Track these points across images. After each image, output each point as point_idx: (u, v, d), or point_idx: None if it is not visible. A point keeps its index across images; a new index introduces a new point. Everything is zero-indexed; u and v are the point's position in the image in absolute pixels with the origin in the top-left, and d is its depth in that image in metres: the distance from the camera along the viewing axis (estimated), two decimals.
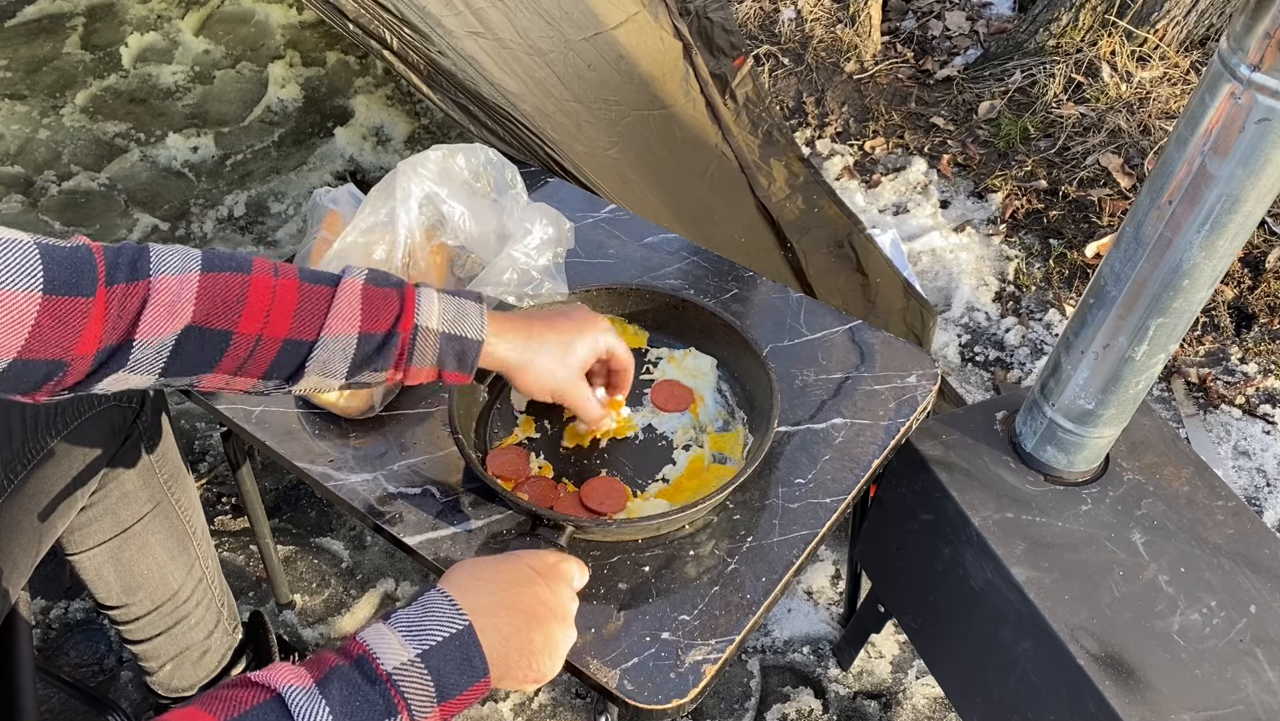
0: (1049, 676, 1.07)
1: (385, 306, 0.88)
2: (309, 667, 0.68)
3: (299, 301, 0.85)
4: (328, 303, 0.86)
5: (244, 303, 0.83)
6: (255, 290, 0.83)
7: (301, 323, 0.85)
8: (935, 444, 1.22)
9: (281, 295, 0.84)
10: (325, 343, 0.86)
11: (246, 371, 0.86)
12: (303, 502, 1.86)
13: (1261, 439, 2.01)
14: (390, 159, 2.62)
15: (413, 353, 0.90)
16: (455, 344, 0.91)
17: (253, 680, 0.66)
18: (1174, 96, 2.64)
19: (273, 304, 0.84)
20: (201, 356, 0.83)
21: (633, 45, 1.81)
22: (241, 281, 0.83)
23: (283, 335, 0.85)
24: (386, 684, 0.67)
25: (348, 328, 0.86)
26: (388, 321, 0.88)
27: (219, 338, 0.82)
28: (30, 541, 1.07)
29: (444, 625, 0.72)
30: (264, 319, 0.84)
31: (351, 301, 0.87)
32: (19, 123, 2.73)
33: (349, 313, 0.86)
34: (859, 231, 1.99)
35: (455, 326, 0.91)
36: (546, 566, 0.82)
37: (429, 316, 0.90)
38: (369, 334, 0.87)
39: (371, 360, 0.88)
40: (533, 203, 1.25)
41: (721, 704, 1.60)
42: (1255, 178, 0.87)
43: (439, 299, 0.91)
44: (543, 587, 0.79)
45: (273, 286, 0.84)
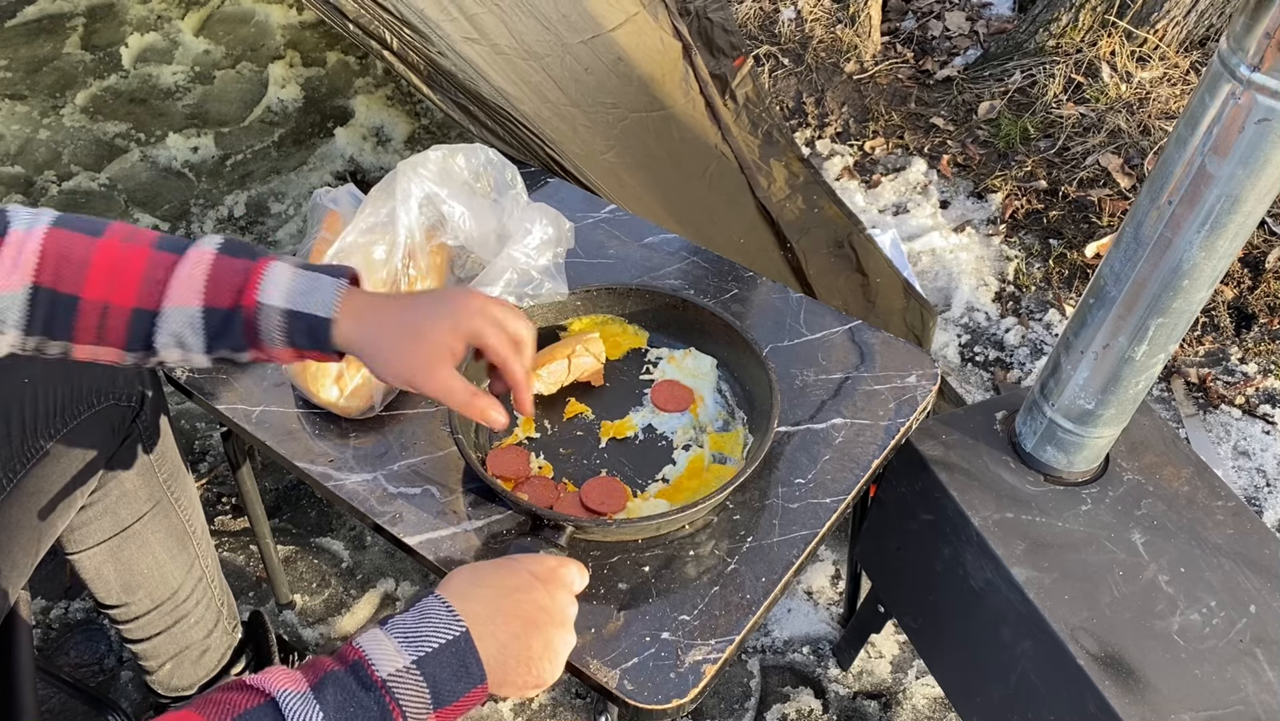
0: (1049, 676, 1.07)
1: (230, 279, 0.84)
2: (304, 672, 0.67)
3: (145, 269, 0.83)
4: (170, 271, 0.83)
5: (88, 265, 0.81)
6: (101, 253, 0.82)
7: (146, 291, 0.83)
8: (935, 444, 1.22)
9: (128, 260, 0.82)
10: (169, 314, 0.83)
11: (106, 341, 0.84)
12: (303, 502, 1.86)
13: (1261, 439, 2.01)
14: (390, 159, 2.62)
15: (259, 329, 0.85)
16: (302, 321, 0.85)
17: (248, 683, 0.66)
18: (1174, 96, 2.64)
19: (118, 269, 0.82)
20: (55, 319, 0.82)
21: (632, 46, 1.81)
22: (87, 243, 0.82)
23: (129, 304, 0.82)
24: (381, 690, 0.67)
25: (191, 299, 0.83)
26: (230, 295, 0.84)
27: (67, 301, 0.81)
28: (30, 540, 1.07)
29: (440, 632, 0.71)
30: (108, 285, 0.82)
31: (195, 272, 0.83)
32: (19, 123, 2.73)
33: (192, 284, 0.83)
34: (859, 231, 1.99)
35: (302, 303, 0.84)
36: (546, 571, 0.81)
37: (273, 293, 0.84)
38: (213, 308, 0.83)
39: (223, 336, 0.85)
40: (533, 203, 1.25)
41: (721, 704, 1.60)
42: (1255, 178, 0.87)
43: (292, 273, 0.85)
44: (542, 593, 0.79)
45: (120, 251, 0.82)
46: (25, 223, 0.81)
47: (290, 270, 0.86)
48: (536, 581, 0.79)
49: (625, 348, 1.25)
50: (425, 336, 0.87)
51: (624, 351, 1.25)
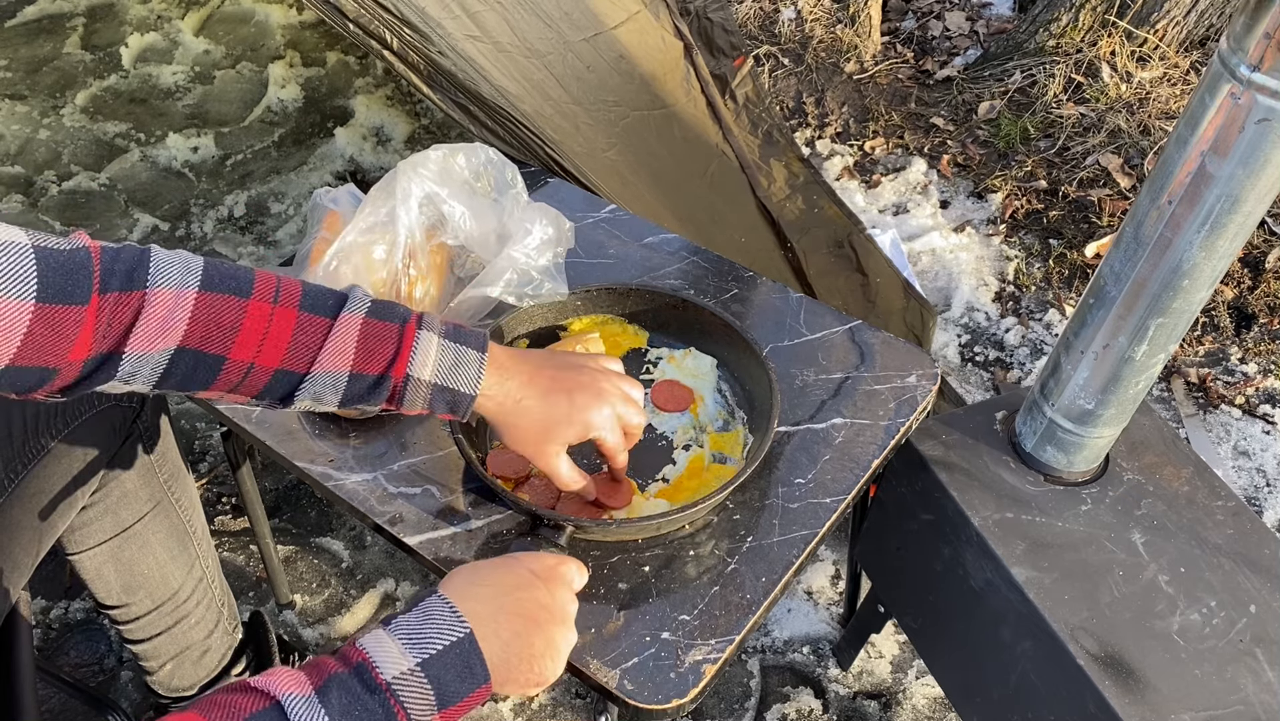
0: (1049, 676, 1.07)
1: (381, 348, 0.85)
2: (308, 673, 0.67)
3: (294, 333, 0.83)
4: (323, 337, 0.84)
5: (239, 329, 0.81)
6: (251, 317, 0.82)
7: (295, 355, 0.84)
8: (935, 444, 1.22)
9: (277, 324, 0.83)
10: (316, 377, 0.84)
11: (240, 391, 0.85)
12: (303, 502, 1.86)
13: (1261, 439, 2.01)
14: (390, 159, 2.62)
15: (404, 397, 0.88)
16: (447, 395, 0.88)
17: (252, 685, 0.66)
18: (1174, 96, 2.64)
19: (267, 333, 0.82)
20: (194, 376, 0.82)
21: (633, 45, 1.81)
22: (239, 307, 0.81)
23: (275, 365, 0.83)
24: (386, 693, 0.67)
25: (340, 365, 0.84)
26: (381, 365, 0.86)
27: (212, 361, 0.81)
28: (30, 541, 1.07)
29: (444, 633, 0.71)
30: (257, 348, 0.82)
31: (347, 339, 0.84)
32: (19, 123, 2.73)
33: (342, 350, 0.84)
34: (859, 231, 1.99)
35: (449, 379, 0.88)
36: (546, 569, 0.81)
37: (423, 366, 0.87)
38: (360, 374, 0.85)
39: (363, 397, 0.87)
40: (533, 203, 1.25)
41: (721, 704, 1.60)
42: (1255, 178, 0.87)
43: (437, 346, 0.87)
44: (543, 591, 0.79)
45: (269, 315, 0.82)
46: (174, 283, 0.79)
47: (437, 342, 0.88)
48: (537, 579, 0.80)
49: (625, 347, 1.25)
50: (553, 436, 0.93)
51: (624, 351, 1.25)
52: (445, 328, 0.89)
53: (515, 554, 0.84)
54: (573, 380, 0.94)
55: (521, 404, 0.91)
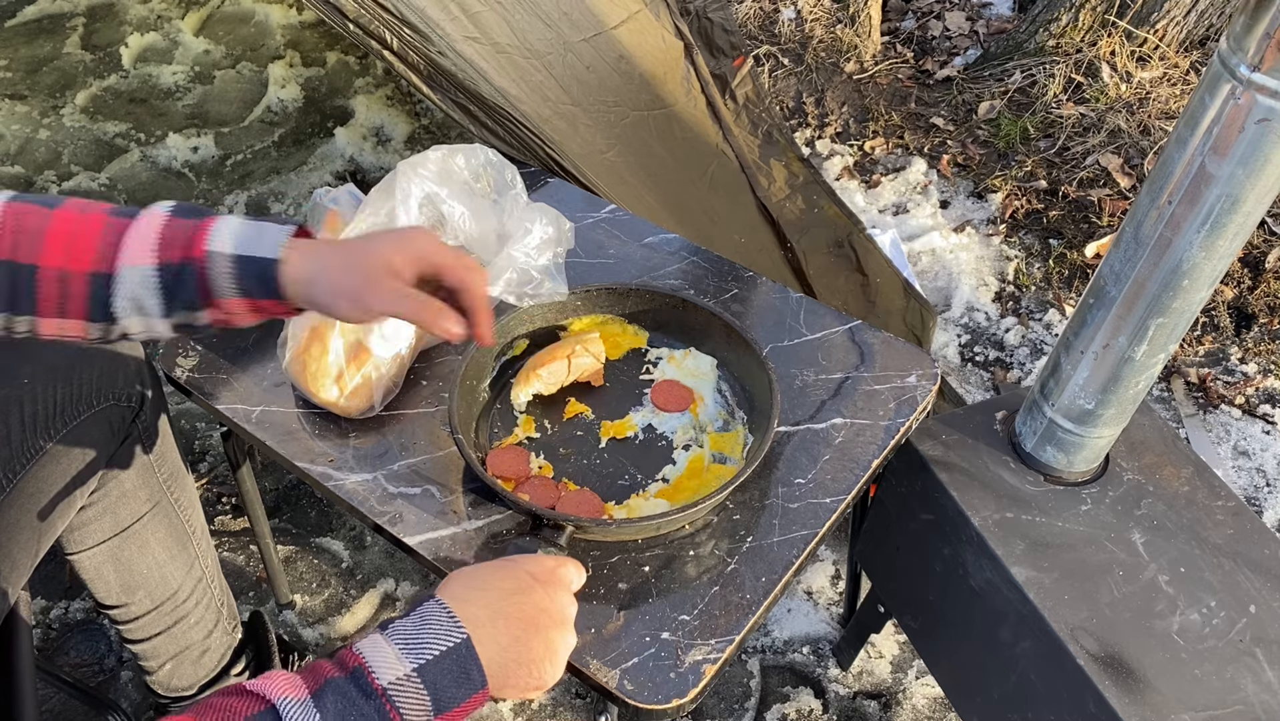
0: (1049, 676, 1.07)
1: (181, 234, 0.85)
2: (304, 678, 0.67)
3: (101, 233, 0.84)
4: (123, 234, 0.85)
5: (44, 233, 0.83)
6: (58, 221, 0.84)
7: (101, 255, 0.84)
8: (935, 444, 1.22)
9: (84, 227, 0.84)
10: (124, 274, 0.84)
11: (68, 313, 0.85)
12: (303, 502, 1.86)
13: (1261, 439, 2.01)
14: (390, 159, 2.62)
15: (210, 281, 0.85)
16: (252, 266, 0.85)
17: (248, 689, 0.66)
18: (1174, 96, 2.64)
19: (74, 235, 0.84)
20: (17, 292, 0.84)
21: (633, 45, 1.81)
22: (44, 213, 0.84)
23: (86, 268, 0.84)
24: (382, 699, 0.66)
25: (145, 258, 0.84)
26: (181, 249, 0.85)
27: (27, 272, 0.83)
28: (30, 541, 1.07)
29: (441, 638, 0.71)
30: (65, 251, 0.83)
31: (148, 232, 0.85)
32: (19, 123, 2.73)
33: (144, 242, 0.84)
34: (859, 231, 1.99)
35: (249, 248, 0.85)
36: (544, 572, 0.81)
37: (222, 240, 0.85)
38: (166, 263, 0.84)
39: (178, 293, 0.85)
40: (533, 203, 1.25)
41: (721, 704, 1.60)
42: (1255, 178, 0.87)
43: (238, 223, 0.87)
44: (541, 594, 0.79)
45: (76, 219, 0.84)
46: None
47: (239, 221, 0.87)
48: (535, 582, 0.79)
49: (625, 348, 1.25)
50: (369, 258, 0.86)
51: (624, 351, 1.25)
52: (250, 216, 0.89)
53: (513, 556, 0.83)
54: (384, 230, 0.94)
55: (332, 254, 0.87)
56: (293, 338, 1.16)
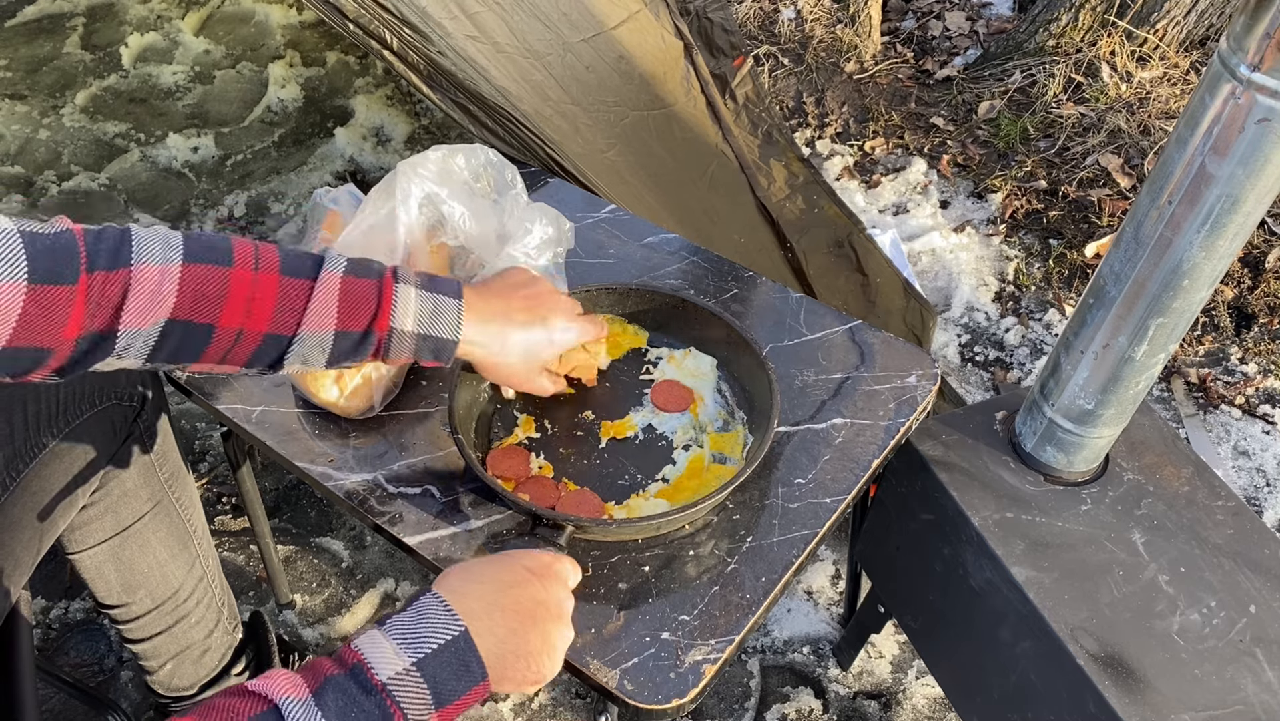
0: (1049, 676, 1.07)
1: (362, 305, 0.89)
2: (305, 676, 0.67)
3: (278, 297, 0.86)
4: (305, 299, 0.87)
5: (224, 298, 0.84)
6: (235, 284, 0.84)
7: (280, 319, 0.87)
8: (935, 444, 1.22)
9: (261, 290, 0.86)
10: (303, 338, 0.88)
11: (230, 360, 0.88)
12: (303, 502, 1.86)
13: (1261, 439, 2.01)
14: (390, 159, 2.62)
15: (389, 349, 0.92)
16: (430, 343, 0.93)
17: (249, 690, 0.66)
18: (1174, 96, 2.64)
19: (252, 299, 0.85)
20: (186, 347, 0.85)
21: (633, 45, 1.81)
22: (222, 276, 0.84)
23: (263, 330, 0.86)
24: (382, 694, 0.67)
25: (325, 325, 0.88)
26: (364, 321, 0.89)
27: (202, 331, 0.84)
28: (31, 540, 1.07)
29: (439, 632, 0.71)
30: (244, 314, 0.85)
31: (329, 298, 0.88)
32: (19, 123, 2.73)
33: (326, 310, 0.87)
34: (859, 231, 1.99)
35: (430, 328, 0.92)
36: (540, 566, 0.81)
37: (404, 318, 0.91)
38: (345, 331, 0.89)
39: (349, 354, 0.90)
40: (533, 203, 1.25)
41: (721, 704, 1.60)
42: (1255, 178, 0.87)
43: (416, 297, 0.92)
44: (538, 588, 0.79)
45: (252, 281, 0.85)
46: (158, 259, 0.82)
47: (416, 294, 0.92)
48: (532, 576, 0.80)
49: (625, 347, 1.25)
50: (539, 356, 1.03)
51: (624, 351, 1.25)
52: (420, 278, 0.93)
53: (510, 551, 0.84)
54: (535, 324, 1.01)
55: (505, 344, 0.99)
56: None
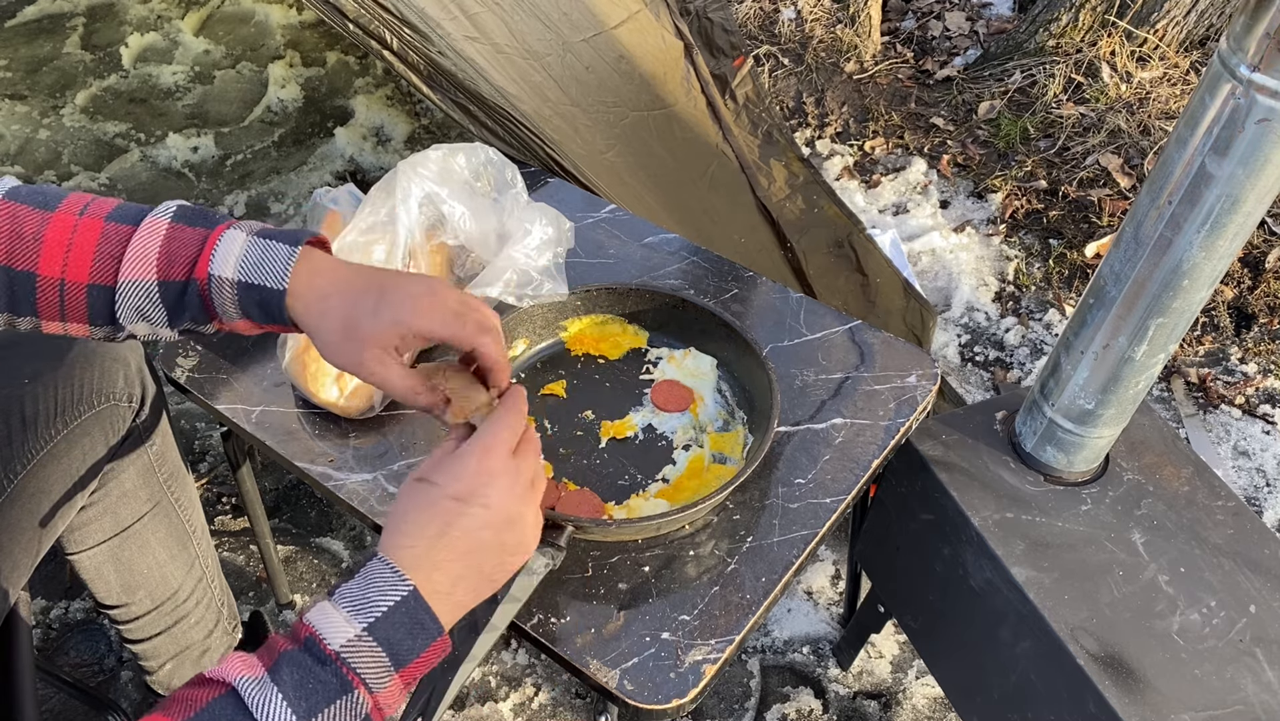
0: (1049, 676, 1.07)
1: (184, 250, 0.81)
2: (260, 655, 0.67)
3: (98, 243, 0.80)
4: (125, 244, 0.80)
5: (40, 241, 0.79)
6: (54, 228, 0.79)
7: (100, 266, 0.80)
8: (935, 444, 1.22)
9: (81, 235, 0.80)
10: (125, 288, 0.80)
11: (71, 318, 0.82)
12: (303, 502, 1.86)
13: (1261, 439, 2.01)
14: (390, 159, 2.62)
15: (213, 303, 0.82)
16: (254, 293, 0.80)
17: (208, 676, 0.66)
18: (1174, 96, 2.64)
19: (71, 243, 0.79)
20: (16, 296, 0.81)
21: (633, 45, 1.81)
22: (41, 217, 0.80)
23: (84, 280, 0.80)
24: (337, 662, 0.66)
25: (145, 273, 0.80)
26: (184, 267, 0.80)
27: (24, 279, 0.80)
28: (30, 541, 1.07)
29: (387, 593, 0.70)
30: (62, 261, 0.80)
31: (149, 244, 0.80)
32: (19, 123, 2.73)
33: (145, 256, 0.80)
34: (859, 231, 1.99)
35: (253, 274, 0.80)
36: (465, 490, 0.74)
37: (225, 263, 0.80)
38: (167, 281, 0.81)
39: (182, 309, 0.82)
40: (533, 203, 1.25)
41: (721, 704, 1.60)
42: (1255, 178, 0.87)
43: (244, 242, 0.81)
44: (469, 517, 0.73)
45: (73, 225, 0.80)
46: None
47: (244, 238, 0.81)
48: (460, 505, 0.74)
49: (625, 347, 1.25)
50: (363, 335, 0.80)
51: (624, 351, 1.25)
52: (262, 228, 0.83)
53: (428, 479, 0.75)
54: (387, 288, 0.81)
55: (331, 310, 0.81)
56: (293, 338, 1.16)
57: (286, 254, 0.81)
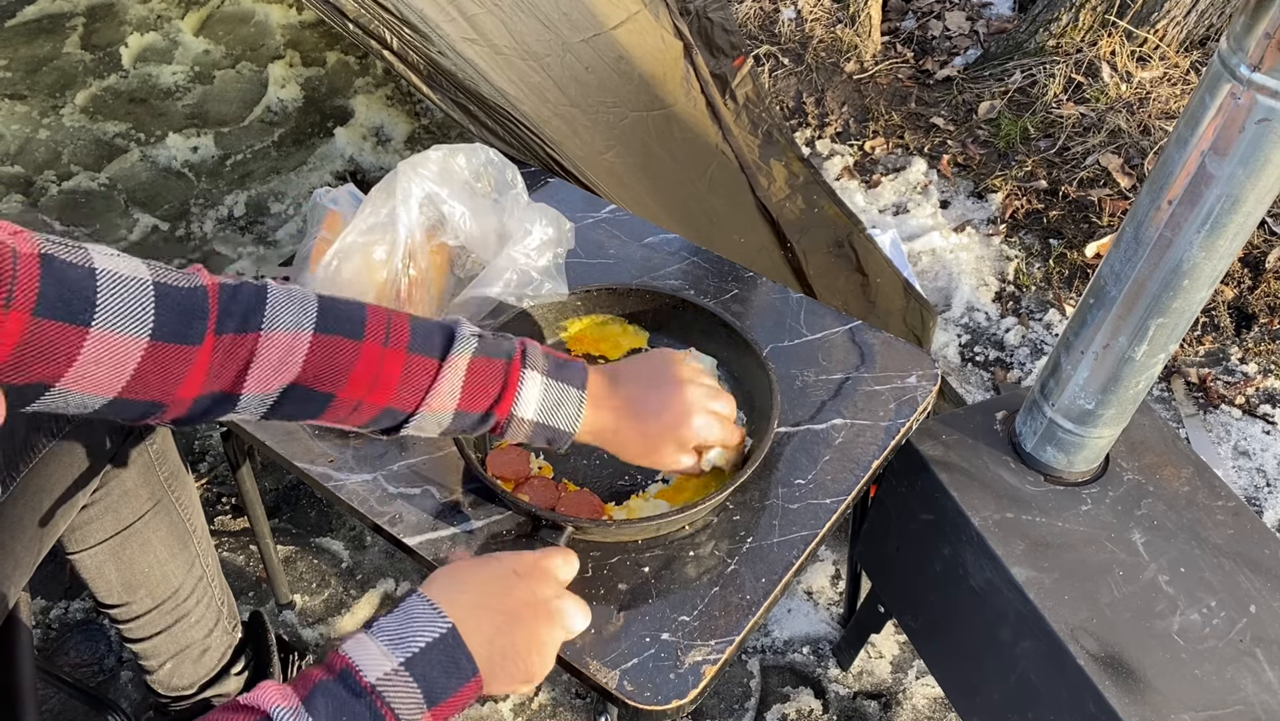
0: (1049, 676, 1.07)
1: (486, 388, 0.88)
2: (295, 686, 0.68)
3: (403, 374, 0.85)
4: (431, 379, 0.86)
5: (350, 370, 0.83)
6: (364, 359, 0.83)
7: (402, 396, 0.86)
8: (935, 444, 1.22)
9: (388, 366, 0.85)
10: (423, 415, 0.87)
11: (344, 423, 0.87)
12: (303, 502, 1.86)
13: (1261, 439, 2.01)
14: (390, 159, 2.62)
15: (505, 431, 0.92)
16: (547, 431, 0.92)
17: (242, 703, 0.66)
18: (1174, 96, 2.64)
19: (378, 375, 0.84)
20: (302, 410, 0.84)
21: (633, 45, 1.81)
22: (352, 349, 0.83)
23: (383, 404, 0.86)
24: (371, 695, 0.67)
25: (446, 405, 0.87)
26: (485, 403, 0.89)
27: (321, 398, 0.83)
28: (31, 540, 1.07)
29: (426, 630, 0.71)
30: (368, 388, 0.84)
31: (454, 381, 0.87)
32: (19, 123, 2.73)
33: (449, 392, 0.87)
34: (859, 231, 1.99)
35: (550, 418, 0.91)
36: (526, 566, 0.81)
37: (526, 406, 0.90)
38: (466, 412, 0.88)
39: (466, 429, 0.91)
40: (533, 203, 1.25)
41: (721, 704, 1.60)
42: (1255, 178, 0.87)
43: (542, 385, 0.90)
44: (524, 588, 0.79)
45: (380, 356, 0.84)
46: (291, 326, 0.81)
47: (541, 382, 0.90)
48: (517, 577, 0.79)
49: (625, 347, 1.25)
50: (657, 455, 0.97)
51: (624, 351, 1.25)
52: (549, 364, 0.92)
53: (497, 553, 0.84)
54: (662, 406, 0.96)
55: (619, 435, 0.95)
56: None
57: (578, 399, 0.92)
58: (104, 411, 0.76)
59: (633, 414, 0.95)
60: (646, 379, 0.97)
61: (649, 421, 0.95)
